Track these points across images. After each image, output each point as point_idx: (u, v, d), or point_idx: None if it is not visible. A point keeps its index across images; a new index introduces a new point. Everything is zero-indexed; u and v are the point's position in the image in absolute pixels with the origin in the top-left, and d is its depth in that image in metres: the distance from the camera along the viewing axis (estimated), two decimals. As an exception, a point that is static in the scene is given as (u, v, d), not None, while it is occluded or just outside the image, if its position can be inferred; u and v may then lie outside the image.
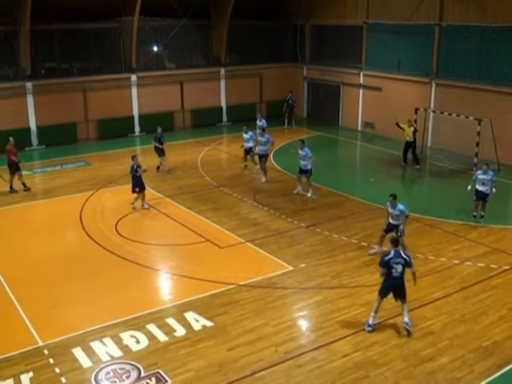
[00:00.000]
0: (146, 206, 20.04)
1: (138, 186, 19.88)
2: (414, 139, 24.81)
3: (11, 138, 22.32)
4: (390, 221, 15.79)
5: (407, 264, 12.22)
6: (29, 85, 28.39)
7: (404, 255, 12.30)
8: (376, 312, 12.47)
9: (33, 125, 28.67)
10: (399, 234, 15.22)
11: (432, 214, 19.28)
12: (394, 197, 15.46)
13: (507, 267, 15.44)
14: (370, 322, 12.45)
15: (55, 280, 14.97)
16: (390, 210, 15.64)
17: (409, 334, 12.24)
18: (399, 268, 12.15)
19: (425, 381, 10.79)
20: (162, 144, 24.27)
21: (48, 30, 28.70)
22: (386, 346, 11.88)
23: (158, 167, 24.30)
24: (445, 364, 11.27)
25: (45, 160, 26.49)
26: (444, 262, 15.76)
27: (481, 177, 18.31)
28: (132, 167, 19.92)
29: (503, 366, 11.21)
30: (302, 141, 21.43)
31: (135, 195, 19.97)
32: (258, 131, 25.80)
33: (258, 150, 23.41)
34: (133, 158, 20.20)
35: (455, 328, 12.54)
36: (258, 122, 26.68)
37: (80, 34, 29.78)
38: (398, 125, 24.97)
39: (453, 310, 13.26)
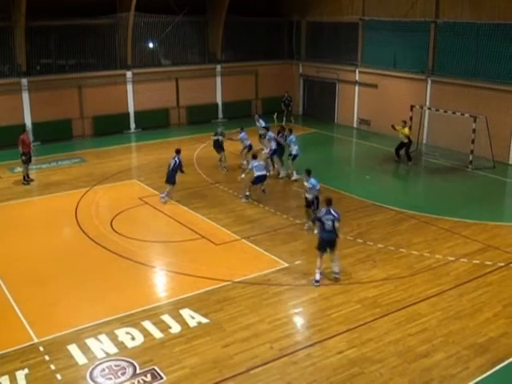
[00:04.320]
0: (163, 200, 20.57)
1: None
2: (409, 140, 24.82)
3: (27, 129, 22.72)
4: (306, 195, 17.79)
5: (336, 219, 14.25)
6: (24, 81, 28.34)
7: (333, 212, 14.30)
8: (319, 268, 14.41)
9: (28, 121, 28.55)
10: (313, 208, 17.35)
11: (427, 211, 19.33)
12: (308, 172, 17.51)
13: (502, 264, 15.49)
14: (317, 278, 14.37)
15: (50, 277, 14.95)
16: (305, 183, 17.69)
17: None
18: (329, 223, 14.20)
19: (420, 377, 10.81)
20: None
21: (43, 26, 28.64)
22: (381, 342, 11.91)
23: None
24: (440, 360, 11.30)
25: (40, 157, 26.37)
26: (439, 259, 15.80)
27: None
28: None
29: (498, 362, 11.25)
30: (290, 130, 23.32)
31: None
32: (263, 133, 25.50)
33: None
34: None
35: (450, 325, 12.57)
36: (257, 123, 26.34)
37: (75, 31, 29.69)
38: (393, 127, 24.99)
39: (448, 307, 13.29)
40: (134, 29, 30.76)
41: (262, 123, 26.00)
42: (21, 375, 10.87)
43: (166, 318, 12.88)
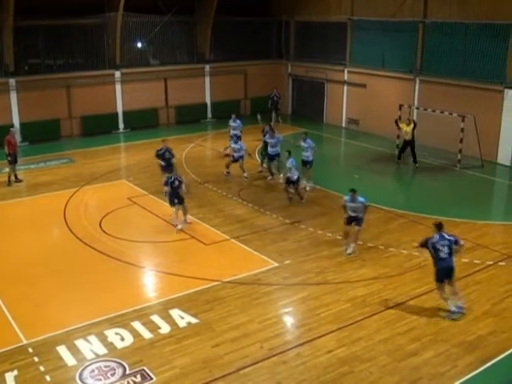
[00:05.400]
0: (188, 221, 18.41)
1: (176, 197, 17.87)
2: (413, 138, 24.71)
3: (12, 129, 22.91)
4: (350, 214, 16.06)
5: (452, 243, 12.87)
6: (12, 81, 28.16)
7: (448, 236, 12.94)
8: (447, 298, 13.01)
9: (16, 122, 28.38)
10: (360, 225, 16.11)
11: (416, 210, 19.37)
12: (354, 191, 15.99)
13: (491, 262, 15.57)
14: (453, 308, 12.93)
15: (39, 278, 14.87)
16: (350, 204, 15.96)
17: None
18: (445, 249, 12.79)
19: (409, 376, 10.85)
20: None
21: (31, 26, 28.40)
22: (371, 341, 11.93)
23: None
24: (429, 359, 11.34)
25: (28, 157, 26.21)
26: (428, 258, 15.69)
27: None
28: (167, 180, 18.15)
29: (487, 360, 11.29)
30: (305, 133, 22.37)
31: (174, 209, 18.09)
32: (232, 132, 25.25)
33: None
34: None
35: (439, 323, 12.62)
36: (232, 123, 25.66)
37: (64, 30, 29.55)
38: (396, 123, 25.00)
39: (437, 305, 13.33)
40: (123, 29, 30.67)
41: (240, 124, 25.78)
42: (10, 377, 10.80)
43: (156, 318, 12.84)
